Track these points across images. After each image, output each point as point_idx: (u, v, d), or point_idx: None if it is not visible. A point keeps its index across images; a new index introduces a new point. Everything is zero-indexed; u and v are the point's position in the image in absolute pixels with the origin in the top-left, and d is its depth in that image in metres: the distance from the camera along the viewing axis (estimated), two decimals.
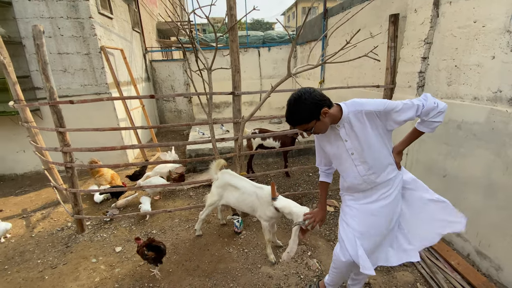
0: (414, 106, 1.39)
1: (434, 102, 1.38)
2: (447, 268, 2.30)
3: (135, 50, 6.72)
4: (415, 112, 1.40)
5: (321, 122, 1.42)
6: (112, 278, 2.38)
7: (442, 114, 1.40)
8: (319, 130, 1.47)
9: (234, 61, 2.69)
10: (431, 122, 1.42)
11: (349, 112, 1.43)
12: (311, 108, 1.36)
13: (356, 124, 1.44)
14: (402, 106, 1.40)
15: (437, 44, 2.59)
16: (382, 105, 1.40)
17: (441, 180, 2.61)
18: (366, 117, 1.42)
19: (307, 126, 1.42)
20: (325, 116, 1.40)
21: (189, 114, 8.14)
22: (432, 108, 1.38)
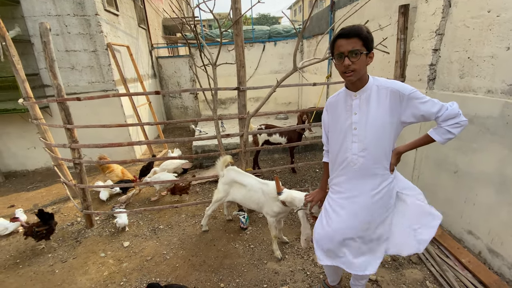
0: (439, 104, 1.32)
1: (458, 111, 1.31)
2: (458, 266, 2.25)
3: (141, 47, 6.74)
4: (438, 110, 1.31)
5: (364, 59, 1.30)
6: (120, 272, 2.42)
7: (460, 128, 1.32)
8: (357, 65, 1.30)
9: (239, 55, 2.66)
10: (446, 131, 1.33)
11: (375, 84, 1.38)
12: (371, 39, 1.31)
13: (374, 99, 1.37)
14: (428, 98, 1.33)
15: (449, 35, 2.50)
16: (409, 89, 1.34)
17: (452, 176, 2.54)
18: (390, 96, 1.34)
19: (359, 47, 1.28)
20: (369, 59, 1.33)
21: (195, 111, 8.16)
22: (454, 115, 1.30)
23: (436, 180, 2.75)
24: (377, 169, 1.45)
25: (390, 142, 1.44)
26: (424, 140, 1.44)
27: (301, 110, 3.70)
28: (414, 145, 1.49)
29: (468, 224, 2.41)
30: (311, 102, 6.54)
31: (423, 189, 2.95)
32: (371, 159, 1.43)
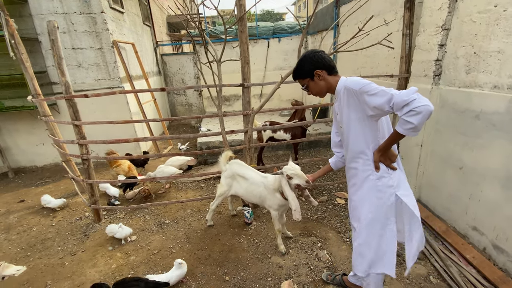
0: (388, 94, 1.25)
1: (407, 96, 1.20)
2: (462, 261, 2.25)
3: (146, 44, 6.78)
4: (387, 100, 1.25)
5: (314, 83, 1.54)
6: (127, 265, 2.48)
7: (418, 115, 1.19)
8: (313, 90, 1.58)
9: (244, 52, 2.67)
10: (404, 121, 1.23)
11: (343, 86, 1.45)
12: (307, 66, 1.51)
13: (342, 99, 1.48)
14: (376, 90, 1.30)
15: (455, 30, 2.47)
16: (360, 84, 1.36)
17: (457, 172, 2.53)
18: (347, 94, 1.43)
19: (302, 82, 1.58)
20: (319, 78, 1.51)
21: (199, 107, 8.20)
22: (403, 102, 1.20)
23: (441, 176, 2.74)
24: (357, 164, 1.55)
25: (366, 137, 1.48)
26: (395, 135, 1.36)
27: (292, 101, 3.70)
28: (390, 141, 1.42)
29: (473, 220, 2.41)
30: (316, 99, 6.52)
31: (427, 185, 2.97)
32: (351, 155, 1.57)
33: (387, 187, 1.49)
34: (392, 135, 1.41)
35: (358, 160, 1.54)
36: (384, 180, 1.49)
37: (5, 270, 2.21)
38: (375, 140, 1.48)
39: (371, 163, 1.50)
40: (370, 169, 1.50)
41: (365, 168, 1.52)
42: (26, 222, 3.30)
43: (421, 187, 3.04)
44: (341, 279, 2.10)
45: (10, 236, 3.05)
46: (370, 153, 1.49)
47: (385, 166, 1.49)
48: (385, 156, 1.48)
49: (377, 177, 1.50)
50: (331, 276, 2.16)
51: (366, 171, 1.52)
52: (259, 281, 2.23)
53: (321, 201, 3.36)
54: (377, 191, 1.50)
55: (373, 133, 1.47)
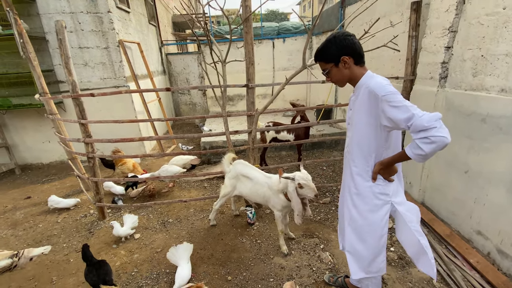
0: (411, 112, 1.18)
1: (429, 123, 1.14)
2: (466, 266, 2.23)
3: (151, 44, 6.82)
4: (407, 118, 1.19)
5: (337, 70, 1.41)
6: (131, 263, 2.50)
7: (431, 145, 1.15)
8: (334, 78, 1.47)
9: (248, 53, 2.68)
10: (416, 146, 1.19)
11: (366, 85, 1.35)
12: (334, 50, 1.37)
13: (361, 98, 1.38)
14: (400, 104, 1.21)
15: (463, 32, 2.45)
16: (385, 91, 1.26)
17: (462, 176, 2.51)
18: (368, 96, 1.33)
19: (324, 66, 1.45)
20: (344, 66, 1.39)
21: (203, 107, 8.23)
22: (422, 127, 1.15)
23: (446, 180, 2.72)
24: (355, 167, 1.51)
25: (371, 145, 1.42)
26: (402, 154, 1.32)
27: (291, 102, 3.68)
28: (395, 159, 1.39)
29: (478, 225, 2.39)
30: (320, 100, 6.51)
31: (432, 188, 2.95)
32: (352, 156, 1.52)
33: (382, 194, 1.48)
34: (399, 154, 1.37)
35: (357, 164, 1.50)
36: (379, 188, 1.48)
37: (31, 252, 2.27)
38: (380, 149, 1.44)
39: (369, 169, 1.47)
40: (367, 175, 1.48)
41: (362, 173, 1.49)
42: (32, 219, 3.35)
43: (426, 190, 3.02)
44: (343, 281, 2.10)
45: (17, 232, 3.10)
46: (371, 161, 1.46)
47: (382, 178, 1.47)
48: (386, 171, 1.45)
49: (374, 184, 1.48)
50: (333, 278, 2.16)
51: (363, 176, 1.49)
52: (261, 281, 2.23)
53: (324, 202, 3.35)
54: (374, 197, 1.48)
55: (380, 142, 1.42)
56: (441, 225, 2.69)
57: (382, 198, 1.48)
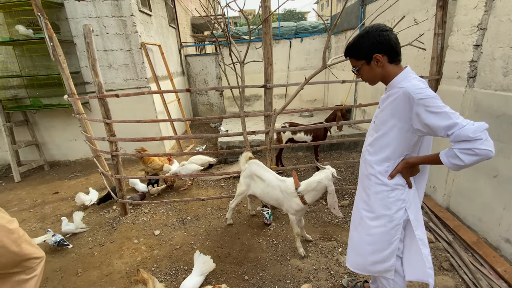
0: (452, 120, 1.11)
1: (475, 134, 1.07)
2: (493, 274, 2.12)
3: (171, 45, 7.00)
4: (447, 126, 1.12)
5: (369, 68, 1.33)
6: (151, 258, 2.58)
7: (473, 157, 1.09)
8: (365, 76, 1.38)
9: (267, 53, 2.69)
10: (455, 155, 1.13)
11: (400, 82, 1.28)
12: (366, 46, 1.29)
13: (393, 99, 1.29)
14: (440, 110, 1.13)
15: (492, 30, 2.33)
16: (422, 94, 1.17)
17: (491, 180, 2.39)
18: (402, 98, 1.23)
19: (355, 63, 1.37)
20: (376, 64, 1.30)
21: (220, 107, 8.34)
22: (465, 138, 1.08)
23: (473, 184, 2.60)
24: (375, 169, 1.43)
25: (398, 147, 1.34)
26: (434, 158, 1.25)
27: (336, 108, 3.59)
28: (424, 160, 1.32)
29: (506, 232, 2.26)
30: (338, 100, 6.40)
31: (458, 193, 2.83)
32: (372, 157, 1.44)
33: (398, 200, 1.41)
34: (431, 157, 1.30)
35: (378, 165, 1.42)
36: (397, 192, 1.41)
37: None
38: (407, 153, 1.37)
39: (389, 171, 1.40)
40: (385, 178, 1.42)
41: (381, 175, 1.42)
42: (59, 213, 3.54)
43: (451, 195, 2.89)
44: (363, 286, 2.05)
45: (45, 225, 3.29)
46: (393, 165, 1.39)
47: (402, 179, 1.41)
48: (409, 170, 1.38)
49: (391, 188, 1.41)
50: (352, 282, 2.12)
51: (381, 179, 1.43)
52: (278, 282, 2.23)
53: (343, 205, 3.30)
54: (388, 202, 1.42)
55: (407, 146, 1.34)
56: (467, 232, 2.57)
57: (397, 204, 1.42)
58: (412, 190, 1.44)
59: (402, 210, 1.42)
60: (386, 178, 1.41)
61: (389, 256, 1.51)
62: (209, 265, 2.24)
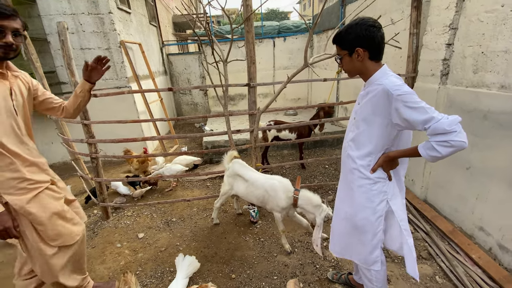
0: (430, 114, 1.17)
1: (450, 127, 1.13)
2: (468, 261, 2.25)
3: (153, 44, 6.84)
4: (425, 120, 1.18)
5: (350, 60, 1.39)
6: (136, 262, 2.53)
7: (449, 148, 1.15)
8: (345, 67, 1.45)
9: (250, 52, 2.69)
10: (432, 147, 1.19)
11: (378, 79, 1.33)
12: (351, 37, 1.33)
13: (371, 95, 1.34)
14: (417, 105, 1.19)
15: (463, 29, 2.46)
16: (400, 91, 1.23)
17: (464, 172, 2.52)
18: (381, 95, 1.29)
19: (339, 51, 1.42)
20: (357, 57, 1.34)
21: (205, 107, 8.25)
22: (442, 131, 1.14)
23: (448, 176, 2.73)
24: (358, 164, 1.47)
25: (379, 141, 1.40)
26: (413, 151, 1.31)
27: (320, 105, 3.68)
28: (404, 153, 1.38)
29: (480, 220, 2.40)
30: (321, 98, 6.52)
31: (435, 185, 2.96)
32: (354, 152, 1.49)
33: (380, 193, 1.46)
34: (410, 150, 1.36)
35: (360, 160, 1.47)
36: (379, 185, 1.46)
37: None
38: (387, 147, 1.43)
39: (371, 165, 1.45)
40: (368, 171, 1.46)
41: (364, 169, 1.47)
42: None
43: (428, 187, 3.03)
44: (347, 278, 2.11)
45: None
46: (375, 159, 1.45)
47: (384, 172, 1.46)
48: (390, 164, 1.44)
49: (374, 182, 1.46)
50: (336, 275, 2.17)
51: (364, 172, 1.47)
52: (265, 279, 2.25)
53: (328, 200, 3.36)
54: (371, 195, 1.47)
55: (387, 141, 1.40)
56: (444, 222, 2.70)
57: (380, 196, 1.47)
58: (393, 182, 1.50)
59: (384, 202, 1.47)
60: (369, 172, 1.46)
61: (374, 247, 1.56)
62: (194, 266, 2.21)
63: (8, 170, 1.40)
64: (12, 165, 1.40)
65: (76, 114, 1.81)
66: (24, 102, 1.50)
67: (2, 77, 1.39)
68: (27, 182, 1.46)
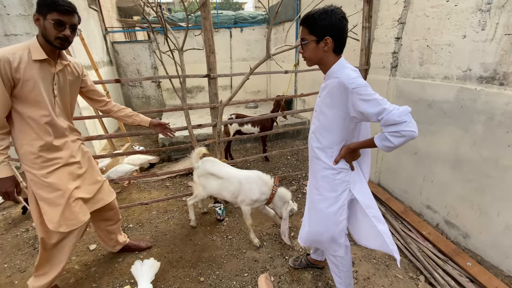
0: (382, 106, 1.20)
1: (400, 117, 1.17)
2: (419, 238, 2.47)
3: (94, 31, 6.08)
4: (378, 112, 1.21)
5: (315, 48, 1.33)
6: (88, 277, 2.23)
7: (401, 138, 1.19)
8: (307, 53, 1.38)
9: (208, 40, 2.52)
10: (386, 138, 1.23)
11: (335, 72, 1.34)
12: (324, 24, 1.27)
13: (329, 87, 1.36)
14: (370, 97, 1.22)
15: (410, 24, 2.64)
16: (355, 84, 1.25)
17: (412, 157, 2.75)
18: (338, 87, 1.30)
19: (306, 35, 1.34)
20: (323, 46, 1.31)
21: (158, 100, 7.71)
22: (392, 122, 1.18)
23: (398, 161, 2.96)
24: (320, 155, 1.50)
25: (339, 133, 1.42)
26: (370, 142, 1.36)
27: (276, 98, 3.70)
28: (362, 145, 1.44)
29: (427, 200, 2.65)
30: (280, 90, 6.58)
31: (386, 170, 3.18)
32: (316, 143, 1.51)
33: (343, 182, 1.50)
34: (367, 141, 1.40)
35: (322, 151, 1.50)
36: (342, 174, 1.49)
37: None
38: (347, 139, 1.46)
39: (334, 156, 1.48)
40: (331, 162, 1.49)
41: (327, 159, 1.49)
42: None
43: (381, 172, 3.26)
44: (306, 259, 2.19)
45: None
46: (337, 150, 1.47)
47: (346, 163, 1.50)
48: (351, 155, 1.47)
49: (337, 172, 1.49)
50: (297, 260, 2.23)
51: (327, 163, 1.49)
52: (235, 277, 2.18)
53: (291, 190, 3.40)
54: (334, 184, 1.51)
55: (348, 133, 1.43)
56: (396, 203, 2.93)
57: (343, 185, 1.51)
58: (355, 172, 1.54)
59: (346, 191, 1.51)
60: (332, 162, 1.48)
61: (339, 235, 1.60)
62: (156, 267, 2.01)
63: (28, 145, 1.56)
64: (35, 140, 1.57)
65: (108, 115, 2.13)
66: (66, 87, 1.69)
67: (49, 64, 1.56)
68: (41, 159, 1.60)
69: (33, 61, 1.48)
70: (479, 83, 2.07)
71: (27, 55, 1.47)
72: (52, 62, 1.56)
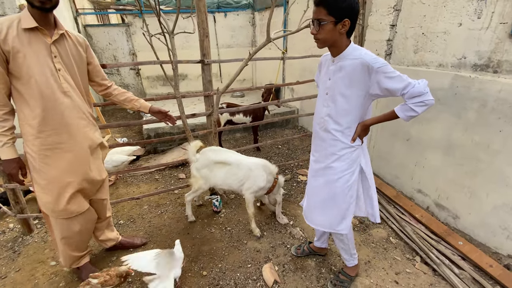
0: (407, 81, 1.31)
1: (425, 89, 1.30)
2: (412, 221, 2.58)
3: (63, 12, 5.54)
4: (403, 86, 1.30)
5: (332, 29, 1.32)
6: (80, 280, 2.08)
7: (424, 107, 1.32)
8: (322, 34, 1.34)
9: (202, 23, 2.37)
10: (410, 109, 1.34)
11: (352, 53, 1.38)
12: (345, 6, 1.27)
13: (347, 69, 1.40)
14: (394, 74, 1.31)
15: (406, 11, 2.65)
16: (380, 63, 1.32)
17: (405, 143, 2.83)
18: (360, 68, 1.35)
19: (324, 16, 1.30)
20: (341, 27, 1.32)
21: (138, 89, 7.31)
22: (419, 93, 1.29)
23: (390, 148, 3.04)
24: (340, 136, 1.53)
25: (357, 112, 1.49)
26: (390, 115, 1.46)
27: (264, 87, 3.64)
28: (380, 120, 1.52)
29: (418, 184, 2.76)
30: (267, 79, 6.48)
31: (378, 157, 3.26)
32: (335, 125, 1.52)
33: (358, 157, 1.58)
34: (387, 115, 1.48)
35: (341, 132, 1.52)
36: (358, 151, 1.57)
37: None
38: (363, 117, 1.52)
39: (351, 135, 1.53)
40: (348, 141, 1.54)
41: (345, 140, 1.54)
42: None
43: (373, 159, 3.29)
44: (308, 247, 2.22)
45: None
46: (354, 128, 1.52)
47: (358, 139, 1.56)
48: (366, 131, 1.56)
49: (355, 149, 1.55)
50: (299, 249, 2.25)
51: (345, 144, 1.54)
52: (239, 269, 2.15)
53: (286, 179, 3.40)
54: (351, 161, 1.57)
55: (365, 111, 1.51)
56: (388, 188, 3.03)
57: (357, 160, 1.59)
58: (363, 146, 1.62)
59: (359, 166, 1.60)
60: (349, 141, 1.53)
61: (349, 212, 1.67)
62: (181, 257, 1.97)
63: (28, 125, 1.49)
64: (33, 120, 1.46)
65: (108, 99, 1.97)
66: (71, 61, 1.53)
67: (43, 34, 1.40)
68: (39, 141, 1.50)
69: (23, 31, 1.35)
70: (474, 70, 2.14)
71: (16, 25, 1.34)
72: (45, 31, 1.41)
